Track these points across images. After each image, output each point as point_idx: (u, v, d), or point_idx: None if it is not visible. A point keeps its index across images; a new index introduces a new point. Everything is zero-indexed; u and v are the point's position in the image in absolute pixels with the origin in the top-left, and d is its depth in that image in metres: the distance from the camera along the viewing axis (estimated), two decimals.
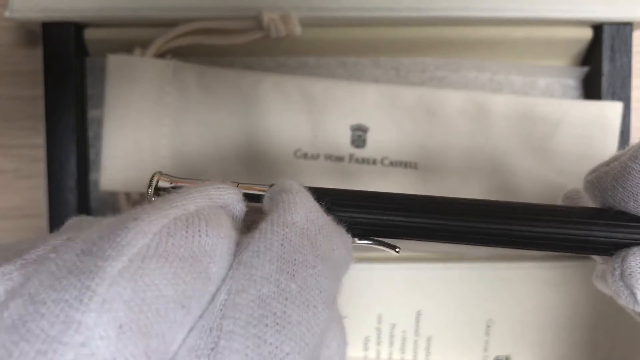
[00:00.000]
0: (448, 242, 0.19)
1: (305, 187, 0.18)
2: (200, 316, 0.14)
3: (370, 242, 0.19)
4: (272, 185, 0.18)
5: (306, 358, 0.14)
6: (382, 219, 0.19)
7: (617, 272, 0.18)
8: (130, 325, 0.12)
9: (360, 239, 0.19)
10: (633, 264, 0.17)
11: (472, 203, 0.19)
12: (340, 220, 0.18)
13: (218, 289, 0.15)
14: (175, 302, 0.13)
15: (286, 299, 0.14)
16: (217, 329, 0.14)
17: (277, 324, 0.14)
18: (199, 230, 0.15)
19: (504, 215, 0.18)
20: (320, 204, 0.18)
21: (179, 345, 0.14)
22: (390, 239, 0.20)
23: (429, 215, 0.19)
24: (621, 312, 0.24)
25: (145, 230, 0.14)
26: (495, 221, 0.18)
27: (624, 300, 0.18)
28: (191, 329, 0.14)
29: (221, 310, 0.14)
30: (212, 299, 0.14)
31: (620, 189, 0.18)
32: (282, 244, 0.15)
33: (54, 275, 0.12)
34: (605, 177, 0.19)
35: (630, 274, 0.17)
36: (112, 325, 0.12)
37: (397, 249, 0.20)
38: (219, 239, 0.15)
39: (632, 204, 0.18)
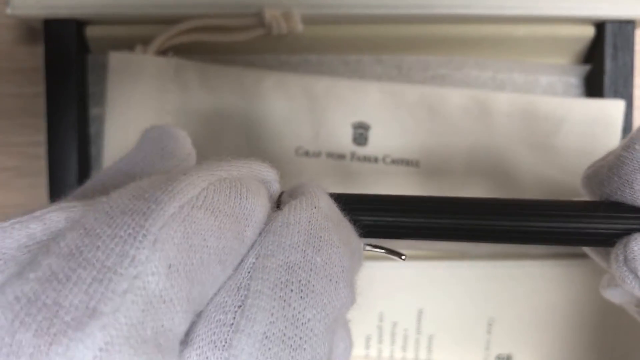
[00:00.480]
0: (450, 241, 0.19)
1: None
2: (229, 277, 0.15)
3: (376, 249, 0.20)
4: (282, 192, 0.19)
5: (326, 327, 0.15)
6: (387, 220, 0.19)
7: (621, 258, 0.18)
8: (177, 267, 0.13)
9: (366, 247, 0.19)
10: (635, 248, 0.18)
11: (472, 201, 0.19)
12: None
13: (246, 254, 0.15)
14: (216, 256, 0.14)
15: (311, 270, 0.15)
16: (244, 289, 0.14)
17: (302, 291, 0.14)
18: (240, 194, 0.15)
19: (505, 211, 0.19)
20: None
21: (208, 302, 0.14)
22: (396, 240, 0.20)
23: (429, 214, 0.19)
24: (623, 310, 0.24)
25: (195, 183, 0.14)
26: (497, 218, 0.19)
27: (628, 286, 0.18)
28: (220, 288, 0.15)
29: (249, 272, 0.15)
30: (241, 262, 0.15)
31: (616, 178, 0.19)
32: (309, 221, 0.16)
33: (108, 214, 0.13)
34: (601, 169, 0.20)
35: (633, 258, 0.18)
36: (163, 263, 0.13)
37: (403, 257, 0.20)
38: (257, 206, 0.16)
39: (628, 191, 0.18)
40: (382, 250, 0.20)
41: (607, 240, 0.19)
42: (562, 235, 0.18)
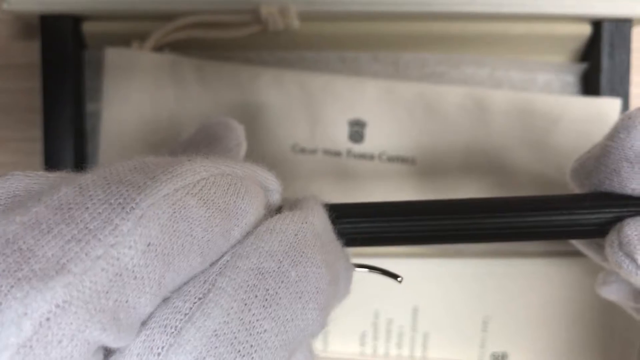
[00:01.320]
0: (438, 244, 0.19)
1: None
2: (203, 270, 0.15)
3: (370, 270, 0.20)
4: (282, 205, 0.18)
5: (282, 344, 0.14)
6: (379, 226, 0.19)
7: (615, 244, 0.18)
8: (156, 248, 0.13)
9: (360, 267, 0.19)
10: (629, 232, 0.18)
11: (458, 202, 0.19)
12: (342, 234, 0.18)
13: (226, 253, 0.15)
14: (199, 247, 0.14)
15: (282, 282, 0.14)
16: (210, 283, 0.14)
17: (266, 299, 0.14)
18: (238, 192, 0.15)
19: (494, 210, 0.19)
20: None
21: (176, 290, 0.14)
22: (388, 246, 0.20)
23: (414, 217, 0.19)
24: (617, 307, 0.24)
25: (197, 171, 0.15)
26: (485, 217, 0.19)
27: (625, 271, 0.18)
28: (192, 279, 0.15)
29: (220, 268, 0.14)
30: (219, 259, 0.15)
31: (603, 168, 0.19)
32: (296, 234, 0.15)
33: (106, 179, 0.13)
34: (588, 161, 0.20)
35: (628, 242, 0.18)
36: (143, 240, 0.13)
37: (399, 279, 0.20)
38: (251, 209, 0.16)
39: (615, 179, 0.19)
40: (378, 272, 0.20)
41: (599, 230, 0.19)
42: (554, 229, 0.19)
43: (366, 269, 0.20)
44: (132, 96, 0.32)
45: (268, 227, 0.15)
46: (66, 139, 0.33)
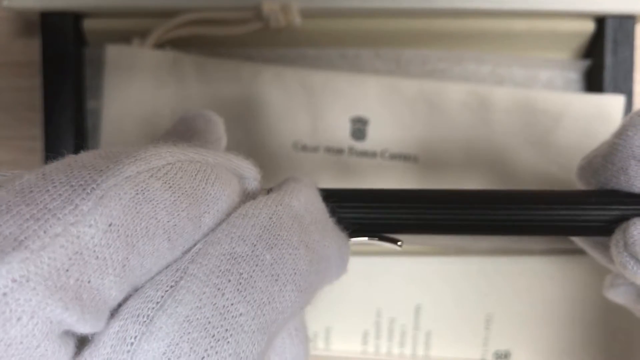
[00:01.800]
0: (442, 234, 0.19)
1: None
2: (176, 259, 0.15)
3: (369, 238, 0.19)
4: (271, 187, 0.18)
5: (259, 327, 0.14)
6: (379, 214, 0.19)
7: (621, 244, 0.18)
8: (118, 229, 0.13)
9: (359, 237, 0.19)
10: (635, 232, 0.18)
11: (465, 193, 0.19)
12: (343, 220, 0.18)
13: (199, 241, 0.15)
14: (165, 232, 0.14)
15: (256, 265, 0.14)
16: (182, 270, 0.14)
17: (240, 283, 0.14)
18: (207, 179, 0.15)
19: (500, 202, 0.18)
20: (326, 204, 0.18)
21: (149, 279, 0.14)
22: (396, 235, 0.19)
23: (419, 207, 0.19)
24: (621, 307, 0.24)
25: (162, 156, 0.15)
26: (491, 209, 0.18)
27: (630, 272, 0.18)
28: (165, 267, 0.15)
29: (192, 256, 0.14)
30: (192, 247, 0.15)
31: (610, 166, 0.19)
32: (270, 217, 0.15)
33: (70, 165, 0.14)
34: (595, 159, 0.20)
35: (633, 243, 0.17)
36: (104, 220, 0.13)
37: (399, 242, 0.20)
38: (222, 195, 0.16)
39: (623, 177, 0.18)
40: (376, 240, 0.19)
41: (605, 228, 0.18)
42: (558, 224, 0.18)
43: (364, 238, 0.19)
44: (133, 93, 0.32)
45: (241, 212, 0.15)
46: (67, 137, 0.32)
